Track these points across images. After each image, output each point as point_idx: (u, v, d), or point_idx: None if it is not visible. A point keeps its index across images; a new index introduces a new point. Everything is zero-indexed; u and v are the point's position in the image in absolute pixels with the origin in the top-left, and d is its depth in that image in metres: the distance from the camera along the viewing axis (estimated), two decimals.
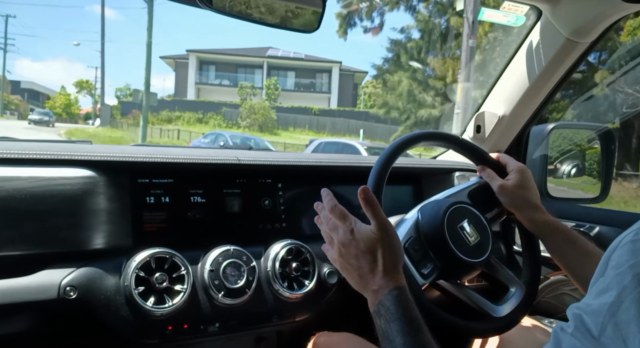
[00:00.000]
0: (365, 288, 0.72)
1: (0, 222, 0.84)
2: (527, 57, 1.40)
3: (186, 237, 1.08)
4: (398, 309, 0.66)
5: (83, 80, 55.97)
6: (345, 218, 0.76)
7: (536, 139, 1.57)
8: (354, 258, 0.73)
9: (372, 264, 0.72)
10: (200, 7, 0.92)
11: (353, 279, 0.75)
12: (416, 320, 0.66)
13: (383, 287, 0.69)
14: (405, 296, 0.69)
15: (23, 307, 0.84)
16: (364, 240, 0.73)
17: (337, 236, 0.76)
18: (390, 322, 0.65)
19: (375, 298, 0.70)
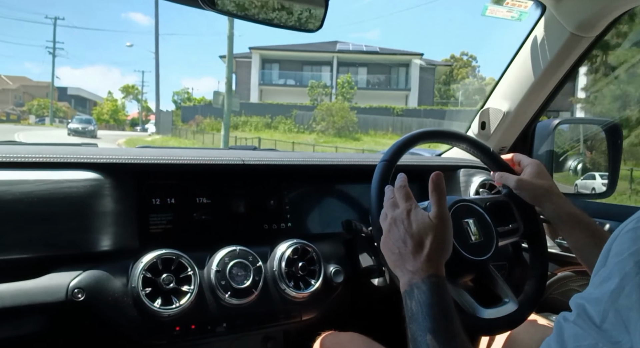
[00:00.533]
0: (402, 267, 0.72)
1: (8, 225, 0.85)
2: (531, 52, 1.39)
3: (192, 237, 1.08)
4: (434, 295, 0.66)
5: (129, 85, 55.55)
6: (407, 199, 0.78)
7: (542, 135, 1.57)
8: (402, 236, 0.74)
9: (418, 247, 0.72)
10: (203, 9, 0.92)
11: (391, 256, 0.75)
12: (450, 310, 0.66)
13: (421, 271, 0.69)
14: (444, 286, 0.68)
15: (32, 309, 0.85)
16: (418, 223, 0.74)
17: (392, 213, 0.77)
18: (423, 305, 0.65)
19: (410, 279, 0.69)
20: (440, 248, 0.73)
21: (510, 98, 1.51)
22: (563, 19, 1.26)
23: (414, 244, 0.72)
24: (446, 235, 0.75)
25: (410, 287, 0.68)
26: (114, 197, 0.97)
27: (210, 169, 1.11)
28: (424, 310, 0.65)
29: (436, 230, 0.73)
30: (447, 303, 0.66)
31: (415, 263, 0.70)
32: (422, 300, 0.66)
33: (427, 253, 0.71)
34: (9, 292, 0.84)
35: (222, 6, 0.92)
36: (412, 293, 0.67)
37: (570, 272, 1.45)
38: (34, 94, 54.88)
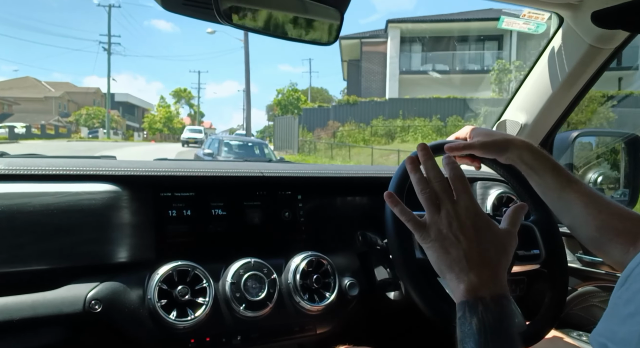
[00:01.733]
0: (460, 272, 0.62)
1: (28, 236, 0.87)
2: (549, 64, 1.38)
3: (207, 249, 1.08)
4: (503, 321, 0.58)
5: (181, 89, 50.38)
6: (470, 194, 0.66)
7: (560, 147, 1.54)
8: (470, 236, 0.63)
9: (486, 256, 0.63)
10: (220, 23, 0.94)
11: (450, 254, 0.64)
12: (516, 338, 0.59)
13: (491, 285, 0.61)
14: (511, 310, 0.60)
15: (50, 321, 0.86)
16: (492, 230, 0.65)
17: (452, 204, 0.66)
18: (488, 328, 0.57)
19: (474, 289, 0.60)
20: (506, 268, 0.65)
21: (527, 110, 1.49)
22: (581, 30, 1.25)
23: (483, 252, 0.63)
24: (512, 256, 0.67)
25: (474, 300, 0.59)
26: (132, 209, 0.98)
27: (226, 181, 1.12)
28: (487, 334, 0.57)
29: (509, 246, 0.66)
30: (515, 336, 0.59)
31: (483, 274, 0.61)
32: (488, 323, 0.58)
33: (497, 268, 0.63)
34: (27, 303, 0.85)
35: (239, 21, 0.93)
36: (475, 308, 0.59)
37: (591, 287, 1.42)
38: (80, 101, 49.07)
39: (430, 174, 0.68)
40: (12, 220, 0.86)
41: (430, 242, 0.66)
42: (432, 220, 0.66)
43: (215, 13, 0.86)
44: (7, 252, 0.85)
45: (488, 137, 0.90)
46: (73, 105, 49.18)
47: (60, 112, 46.45)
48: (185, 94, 51.06)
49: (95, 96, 51.38)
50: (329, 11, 0.98)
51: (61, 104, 48.04)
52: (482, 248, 0.63)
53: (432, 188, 0.67)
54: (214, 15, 0.88)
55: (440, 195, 0.66)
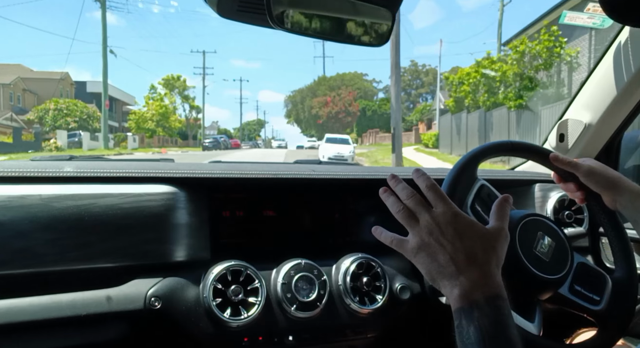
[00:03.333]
0: (450, 277, 0.62)
1: (94, 235, 0.92)
2: (615, 60, 1.30)
3: (259, 250, 1.11)
4: (499, 324, 0.58)
5: (173, 76, 37.97)
6: (446, 200, 0.68)
7: (629, 147, 1.45)
8: (450, 240, 0.64)
9: (472, 257, 0.63)
10: (273, 28, 0.95)
11: (431, 263, 0.65)
12: (515, 341, 0.58)
13: (482, 286, 0.61)
14: (509, 313, 0.60)
15: (113, 316, 0.91)
16: (474, 230, 0.66)
17: (428, 213, 0.67)
18: (486, 336, 0.57)
19: (467, 293, 0.60)
20: (499, 266, 0.65)
21: (592, 109, 1.41)
22: None
23: (469, 253, 0.63)
24: (504, 253, 0.67)
25: (469, 305, 0.60)
26: (189, 209, 1.01)
27: (278, 183, 1.14)
28: (486, 341, 0.57)
29: (497, 243, 0.65)
30: (513, 336, 0.58)
31: (472, 274, 0.61)
32: (485, 328, 0.58)
33: (487, 268, 0.62)
34: (92, 299, 0.90)
35: (291, 25, 0.94)
36: (470, 314, 0.59)
37: None
38: (41, 92, 33.88)
39: (402, 194, 0.71)
40: (80, 220, 0.91)
41: (415, 254, 0.67)
42: (413, 233, 0.68)
43: (268, 18, 0.88)
44: (76, 250, 0.90)
45: (600, 167, 0.89)
46: (30, 97, 34.69)
47: (12, 106, 32.15)
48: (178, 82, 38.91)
49: (64, 84, 36.60)
50: (380, 12, 0.98)
51: (14, 94, 33.55)
52: (467, 250, 0.63)
53: (406, 206, 0.70)
54: (267, 20, 0.90)
55: (415, 208, 0.69)
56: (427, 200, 0.70)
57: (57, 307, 0.88)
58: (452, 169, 0.89)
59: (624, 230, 0.92)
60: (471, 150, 0.94)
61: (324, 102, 46.29)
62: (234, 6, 0.94)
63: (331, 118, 45.60)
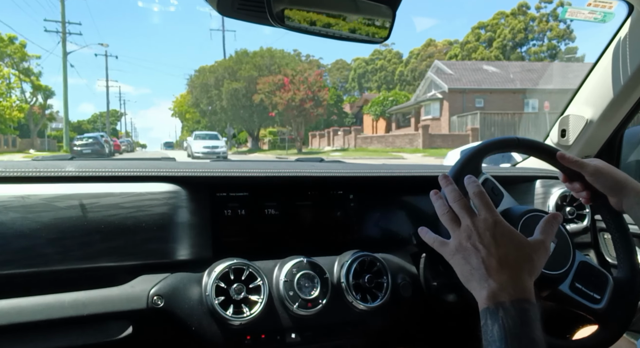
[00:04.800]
0: (481, 280, 0.65)
1: (97, 235, 0.92)
2: (617, 56, 1.30)
3: (261, 248, 1.11)
4: (523, 325, 0.60)
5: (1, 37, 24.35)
6: (491, 208, 0.71)
7: (631, 142, 1.45)
8: (486, 246, 0.67)
9: (505, 263, 0.65)
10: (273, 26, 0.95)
11: (465, 266, 0.68)
12: (539, 343, 0.59)
13: (510, 290, 0.62)
14: (535, 314, 0.62)
15: (116, 316, 0.91)
16: (513, 239, 0.68)
17: (470, 218, 0.70)
18: (509, 334, 0.59)
19: (494, 295, 0.63)
20: (531, 275, 0.67)
21: (593, 104, 1.41)
22: None
23: (501, 259, 0.65)
24: (541, 264, 0.69)
25: (495, 306, 0.61)
26: (191, 208, 1.02)
27: (280, 181, 1.14)
28: (508, 340, 0.58)
29: (535, 254, 0.68)
30: (537, 339, 0.59)
31: (501, 278, 0.64)
32: (508, 327, 0.59)
33: (517, 274, 0.64)
34: (95, 299, 0.91)
35: (291, 23, 0.94)
36: (495, 315, 0.61)
37: None
38: None
39: (450, 196, 0.75)
40: (82, 219, 0.91)
41: (453, 255, 0.71)
42: (454, 236, 0.72)
43: (268, 16, 0.88)
44: (78, 250, 0.90)
45: (607, 168, 0.89)
46: None
47: None
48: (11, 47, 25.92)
49: None
50: (381, 9, 0.98)
51: None
52: (500, 255, 0.66)
53: (451, 209, 0.73)
54: (267, 18, 0.90)
55: (459, 212, 0.72)
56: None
57: (60, 306, 0.88)
58: (457, 161, 0.89)
59: (629, 231, 0.92)
60: (477, 145, 0.94)
61: (279, 84, 28.44)
62: (235, 4, 0.94)
63: (292, 108, 27.91)
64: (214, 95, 33.58)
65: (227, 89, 32.17)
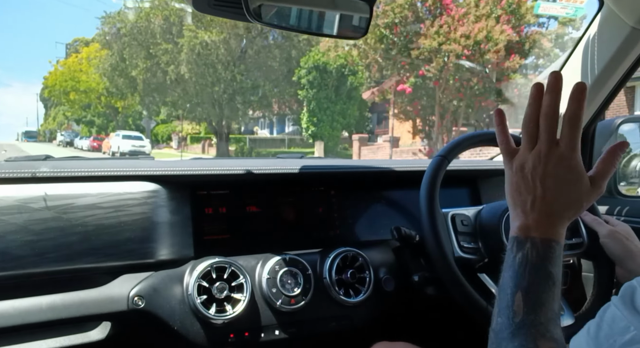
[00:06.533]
0: (524, 212, 0.62)
1: (74, 236, 0.90)
2: (589, 50, 1.33)
3: (243, 245, 1.10)
4: (545, 261, 0.59)
5: None
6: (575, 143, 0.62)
7: (603, 135, 1.49)
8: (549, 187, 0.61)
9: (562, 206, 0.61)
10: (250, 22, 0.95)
11: (520, 195, 0.63)
12: (555, 282, 0.59)
13: (543, 228, 0.61)
14: (559, 253, 0.61)
15: (96, 318, 0.90)
16: (580, 186, 0.61)
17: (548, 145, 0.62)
18: (529, 263, 0.59)
19: (526, 229, 0.61)
20: (574, 218, 0.64)
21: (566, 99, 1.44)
22: (623, 12, 1.19)
23: (553, 205, 0.61)
24: (589, 204, 0.64)
25: (524, 238, 0.61)
26: (171, 207, 1.00)
27: (261, 178, 1.13)
28: (527, 267, 0.59)
29: (585, 204, 0.63)
30: (554, 273, 0.59)
31: (541, 218, 0.61)
32: (531, 258, 0.59)
33: (561, 219, 0.62)
34: (73, 301, 0.89)
35: (268, 19, 0.94)
36: (523, 245, 0.61)
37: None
38: None
39: (547, 107, 0.64)
40: (59, 220, 0.90)
41: (510, 172, 0.65)
42: (522, 154, 0.64)
43: (245, 12, 0.87)
44: (55, 252, 0.88)
45: (624, 233, 0.91)
46: None
47: None
48: None
49: None
50: (358, 5, 0.98)
51: None
52: (553, 201, 0.61)
53: (536, 122, 0.64)
54: (243, 14, 0.89)
55: (542, 132, 0.63)
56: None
57: (38, 309, 0.86)
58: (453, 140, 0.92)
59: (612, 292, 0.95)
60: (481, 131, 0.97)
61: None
62: (210, 1, 0.93)
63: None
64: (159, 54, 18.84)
65: (190, 43, 17.74)
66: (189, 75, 18.31)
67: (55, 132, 48.56)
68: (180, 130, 28.48)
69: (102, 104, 34.36)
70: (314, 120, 18.43)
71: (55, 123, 49.73)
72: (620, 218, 1.38)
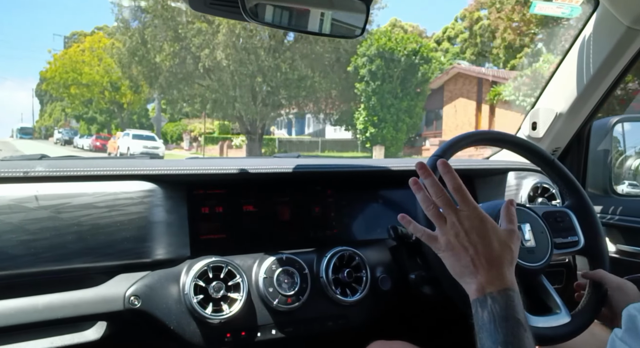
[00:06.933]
0: (471, 275, 0.70)
1: (70, 236, 0.90)
2: (584, 49, 1.33)
3: (240, 245, 1.10)
4: (509, 309, 0.65)
5: None
6: (471, 202, 0.74)
7: (598, 134, 1.50)
8: (474, 243, 0.70)
9: (492, 259, 0.70)
10: (247, 21, 0.94)
11: (456, 263, 0.72)
12: (524, 326, 0.65)
13: (497, 282, 0.68)
14: (518, 299, 0.68)
15: (92, 318, 0.90)
16: (496, 234, 0.72)
17: (455, 215, 0.73)
18: (497, 317, 0.65)
19: (483, 288, 0.68)
20: (512, 263, 0.72)
21: (562, 97, 1.45)
22: (618, 12, 1.20)
23: (488, 256, 0.70)
24: (517, 251, 0.74)
25: (483, 297, 0.68)
26: (167, 207, 1.00)
27: (257, 178, 1.13)
28: (497, 321, 0.64)
29: (512, 244, 0.73)
30: (522, 319, 0.65)
31: (490, 274, 0.69)
32: (496, 312, 0.65)
33: (502, 268, 0.70)
34: (70, 301, 0.89)
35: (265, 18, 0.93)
36: (485, 303, 0.67)
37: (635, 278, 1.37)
38: None
39: (431, 190, 0.75)
40: (54, 220, 0.89)
41: (443, 252, 0.74)
42: (442, 232, 0.74)
43: (241, 11, 0.87)
44: (51, 251, 0.88)
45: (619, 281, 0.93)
46: None
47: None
48: None
49: None
50: (355, 4, 0.98)
51: None
52: (488, 252, 0.70)
53: (435, 205, 0.75)
54: (240, 13, 0.89)
55: (444, 208, 0.74)
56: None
57: (33, 309, 0.86)
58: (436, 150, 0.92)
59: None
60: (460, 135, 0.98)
61: None
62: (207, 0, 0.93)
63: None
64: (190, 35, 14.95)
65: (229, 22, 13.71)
66: (227, 62, 14.19)
67: (52, 129, 45.69)
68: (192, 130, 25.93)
69: (106, 99, 31.94)
70: (374, 120, 14.84)
71: (52, 119, 47.59)
72: (614, 217, 1.39)
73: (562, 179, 1.02)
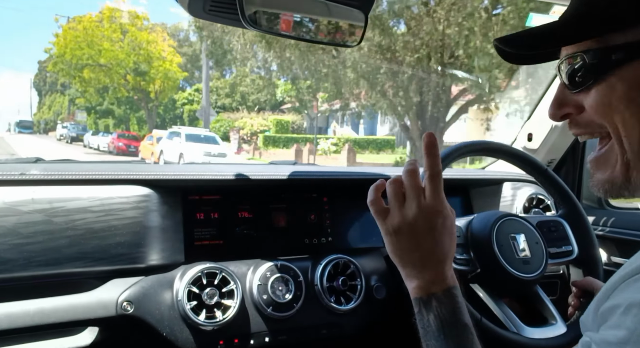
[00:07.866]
0: (418, 274, 0.66)
1: (64, 240, 0.89)
2: None
3: (234, 251, 1.10)
4: (456, 313, 0.62)
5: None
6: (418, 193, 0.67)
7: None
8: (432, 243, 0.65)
9: (447, 246, 0.66)
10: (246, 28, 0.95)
11: (406, 264, 0.67)
12: (471, 329, 0.63)
13: (441, 282, 0.64)
14: (461, 298, 0.65)
15: (84, 323, 0.89)
16: (452, 229, 0.68)
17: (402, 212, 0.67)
18: (445, 323, 0.62)
19: (427, 287, 0.64)
20: (453, 257, 0.68)
21: None
22: None
23: (440, 254, 0.66)
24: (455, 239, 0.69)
25: (427, 297, 0.64)
26: (162, 212, 1.00)
27: (253, 184, 1.13)
28: (445, 329, 0.61)
29: (453, 229, 0.68)
30: (468, 323, 0.63)
31: (436, 272, 0.65)
32: (444, 317, 0.62)
33: (449, 263, 0.66)
34: (61, 305, 0.88)
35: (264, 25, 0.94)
36: (429, 305, 0.63)
37: None
38: None
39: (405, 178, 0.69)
40: (48, 223, 0.89)
41: (388, 234, 0.68)
42: (396, 214, 0.67)
43: (240, 18, 0.87)
44: (44, 255, 0.87)
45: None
46: None
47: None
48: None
49: None
50: (353, 13, 0.98)
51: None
52: (441, 250, 0.65)
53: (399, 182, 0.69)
54: (239, 20, 0.89)
55: (408, 188, 0.67)
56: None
57: (25, 314, 0.85)
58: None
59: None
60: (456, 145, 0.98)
61: None
62: (205, 6, 0.93)
63: None
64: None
65: None
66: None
67: (52, 122, 39.21)
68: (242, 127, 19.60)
69: (129, 86, 23.95)
70: None
71: (51, 112, 42.29)
72: (606, 229, 1.39)
73: (555, 188, 1.03)
